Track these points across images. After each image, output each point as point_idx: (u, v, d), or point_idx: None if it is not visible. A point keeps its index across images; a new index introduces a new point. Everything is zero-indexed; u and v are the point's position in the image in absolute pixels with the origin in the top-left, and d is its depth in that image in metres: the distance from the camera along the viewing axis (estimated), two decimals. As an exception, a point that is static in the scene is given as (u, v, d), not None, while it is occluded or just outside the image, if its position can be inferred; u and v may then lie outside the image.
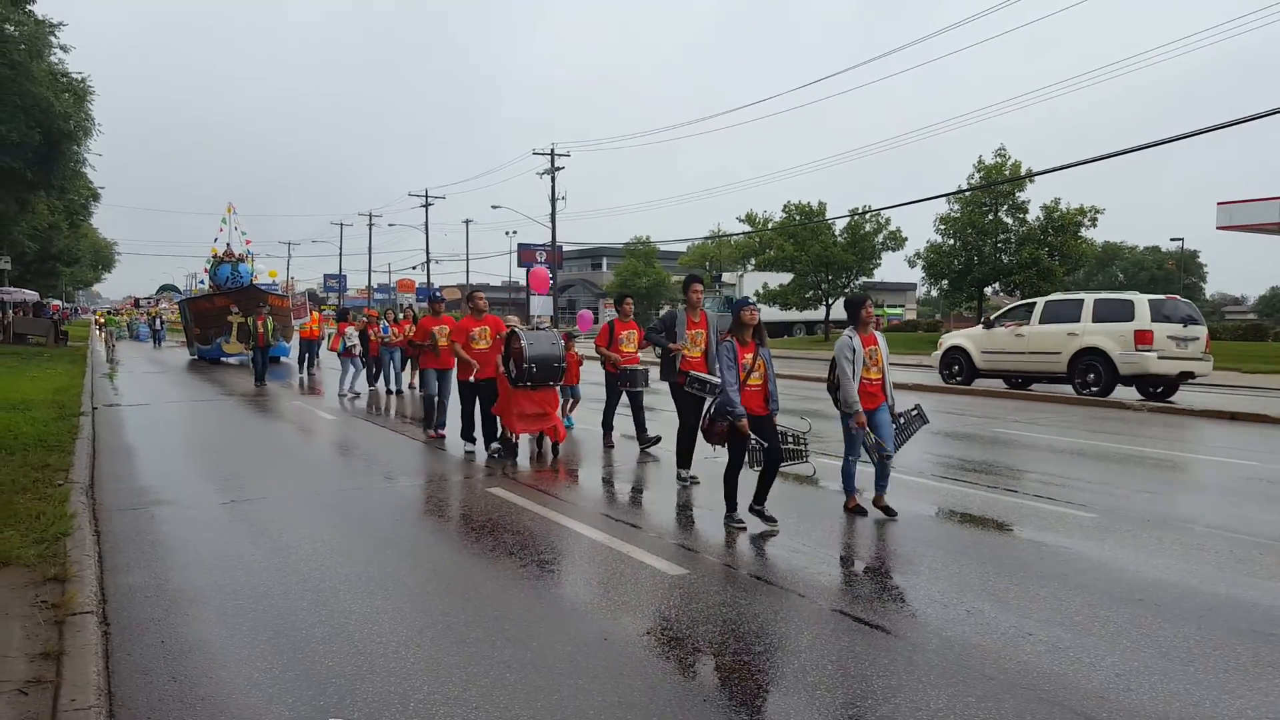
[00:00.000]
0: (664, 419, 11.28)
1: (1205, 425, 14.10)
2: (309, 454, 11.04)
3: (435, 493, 8.43)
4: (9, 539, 5.81)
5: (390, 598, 5.19)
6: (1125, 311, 17.22)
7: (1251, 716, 3.74)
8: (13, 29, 25.74)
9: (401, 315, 20.09)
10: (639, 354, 10.87)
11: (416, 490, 8.57)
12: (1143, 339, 16.75)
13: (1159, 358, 16.67)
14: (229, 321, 27.36)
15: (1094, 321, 17.55)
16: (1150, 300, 17.28)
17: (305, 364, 23.26)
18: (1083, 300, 18.32)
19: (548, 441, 10.43)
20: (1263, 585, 5.60)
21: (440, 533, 7.02)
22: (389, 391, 17.87)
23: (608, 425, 10.98)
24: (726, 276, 48.98)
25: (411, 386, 18.16)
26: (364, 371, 18.23)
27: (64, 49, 29.23)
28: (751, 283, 52.73)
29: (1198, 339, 17.34)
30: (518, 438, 10.21)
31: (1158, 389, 17.64)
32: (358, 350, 17.85)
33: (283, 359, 27.90)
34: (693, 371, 8.38)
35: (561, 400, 15.10)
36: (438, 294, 12.98)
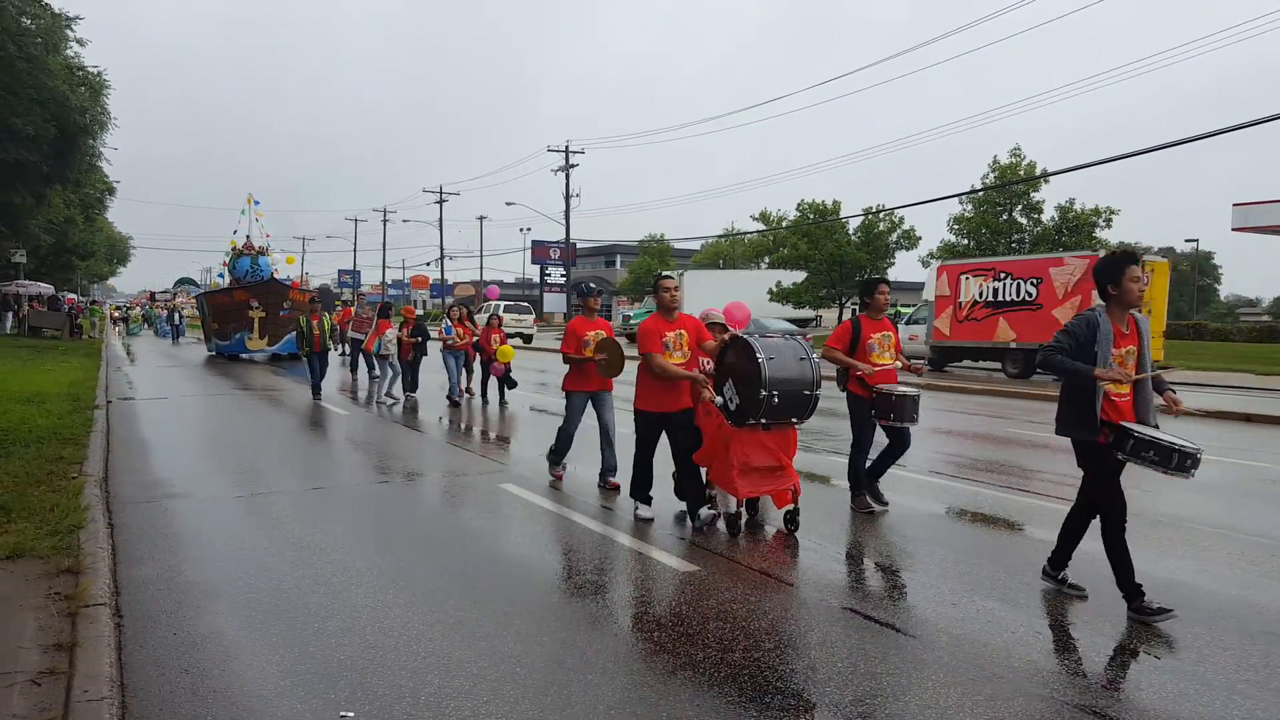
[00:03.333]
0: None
1: (1217, 427, 14.01)
2: (323, 450, 11.08)
3: (447, 489, 8.45)
4: (23, 531, 5.86)
5: (401, 592, 5.21)
6: None
7: (1262, 718, 3.72)
8: (29, 22, 25.89)
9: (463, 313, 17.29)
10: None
11: (428, 486, 8.60)
12: None
13: None
14: (250, 317, 26.69)
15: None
16: None
17: (353, 367, 20.98)
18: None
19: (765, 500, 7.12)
20: (1275, 588, 5.57)
21: (451, 528, 7.04)
22: (451, 401, 15.24)
23: (864, 477, 7.44)
24: (687, 276, 48.88)
25: (469, 392, 16.38)
26: (400, 376, 15.97)
27: (80, 42, 29.47)
28: (705, 282, 51.14)
29: None
30: (742, 504, 6.76)
31: None
32: (393, 354, 15.94)
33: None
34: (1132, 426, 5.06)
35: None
36: (589, 286, 8.90)
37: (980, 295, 23.26)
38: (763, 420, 6.37)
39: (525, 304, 45.66)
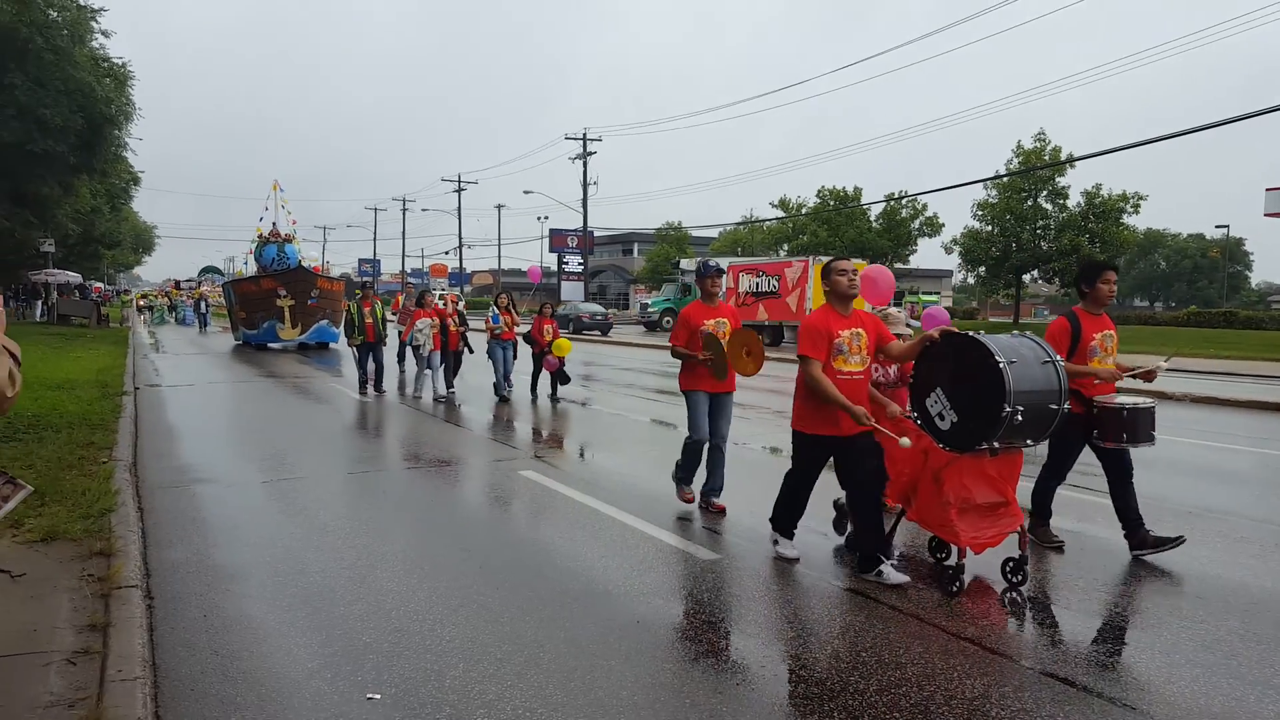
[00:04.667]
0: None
1: (1246, 416, 13.84)
2: (347, 435, 11.16)
3: (470, 475, 8.50)
4: (56, 514, 5.95)
5: (426, 576, 5.25)
6: None
7: (1294, 710, 3.68)
8: (55, 14, 26.12)
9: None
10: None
11: (451, 472, 8.65)
12: None
13: None
14: (278, 305, 25.93)
15: None
16: None
17: (400, 358, 19.39)
18: None
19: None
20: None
21: (475, 514, 7.09)
22: (500, 398, 14.07)
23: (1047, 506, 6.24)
24: (685, 264, 48.23)
25: (511, 386, 14.47)
26: (441, 369, 14.47)
27: (105, 34, 29.64)
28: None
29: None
30: (963, 556, 5.17)
31: None
32: (427, 348, 14.25)
33: (332, 345, 26.76)
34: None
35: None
36: (709, 264, 7.11)
37: (749, 288, 33.54)
38: (995, 444, 5.02)
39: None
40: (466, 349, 15.19)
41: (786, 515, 5.76)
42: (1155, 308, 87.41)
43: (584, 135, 48.90)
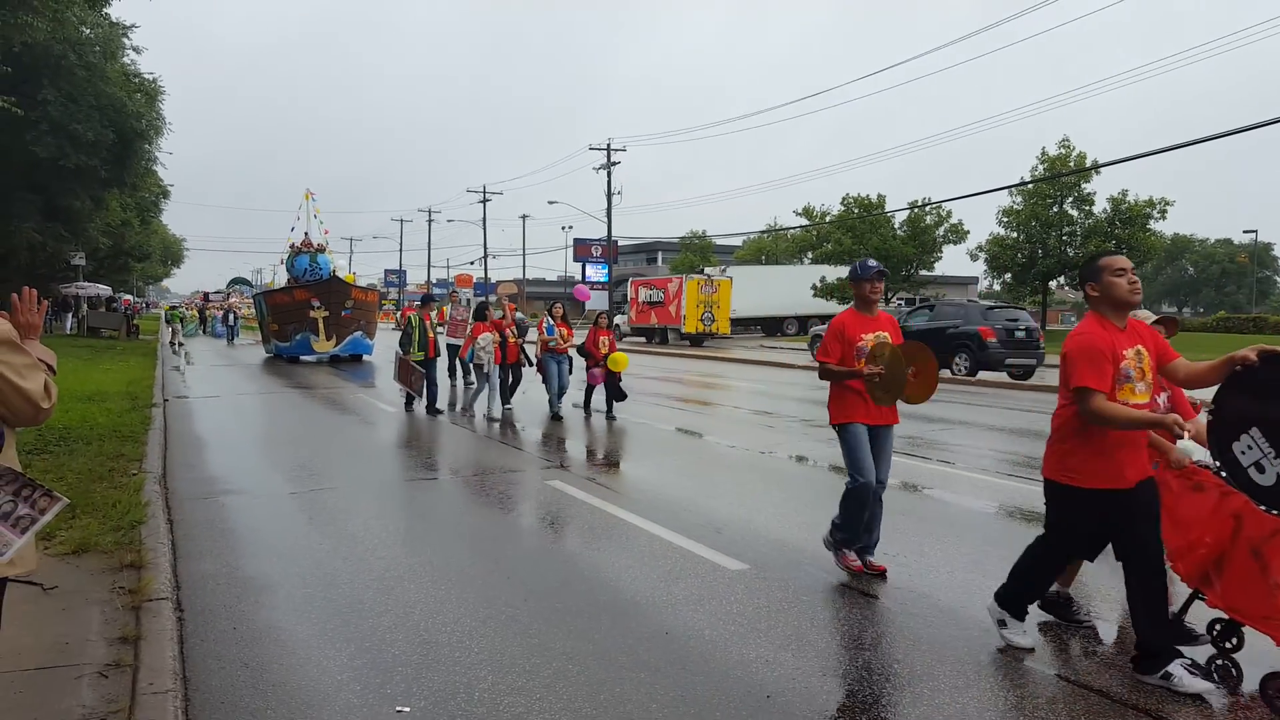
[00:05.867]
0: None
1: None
2: (375, 447, 11.21)
3: (496, 485, 8.50)
4: (88, 526, 6.00)
5: (454, 588, 5.25)
6: None
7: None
8: (88, 31, 26.55)
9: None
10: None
11: (478, 482, 8.65)
12: None
13: None
14: (311, 317, 25.21)
15: None
16: None
17: (450, 373, 18.32)
18: None
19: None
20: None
21: (502, 524, 7.08)
22: (554, 415, 13.04)
23: None
24: (709, 272, 48.07)
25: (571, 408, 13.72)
26: (497, 389, 13.55)
27: (136, 50, 30.18)
28: (747, 278, 50.89)
29: None
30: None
31: None
32: (489, 365, 13.25)
33: (365, 357, 26.32)
34: None
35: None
36: (868, 265, 5.71)
37: (646, 298, 42.04)
38: None
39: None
40: (526, 361, 14.12)
41: (1024, 592, 4.42)
42: (1184, 313, 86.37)
43: (608, 145, 48.98)
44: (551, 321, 13.44)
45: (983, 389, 18.98)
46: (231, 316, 40.25)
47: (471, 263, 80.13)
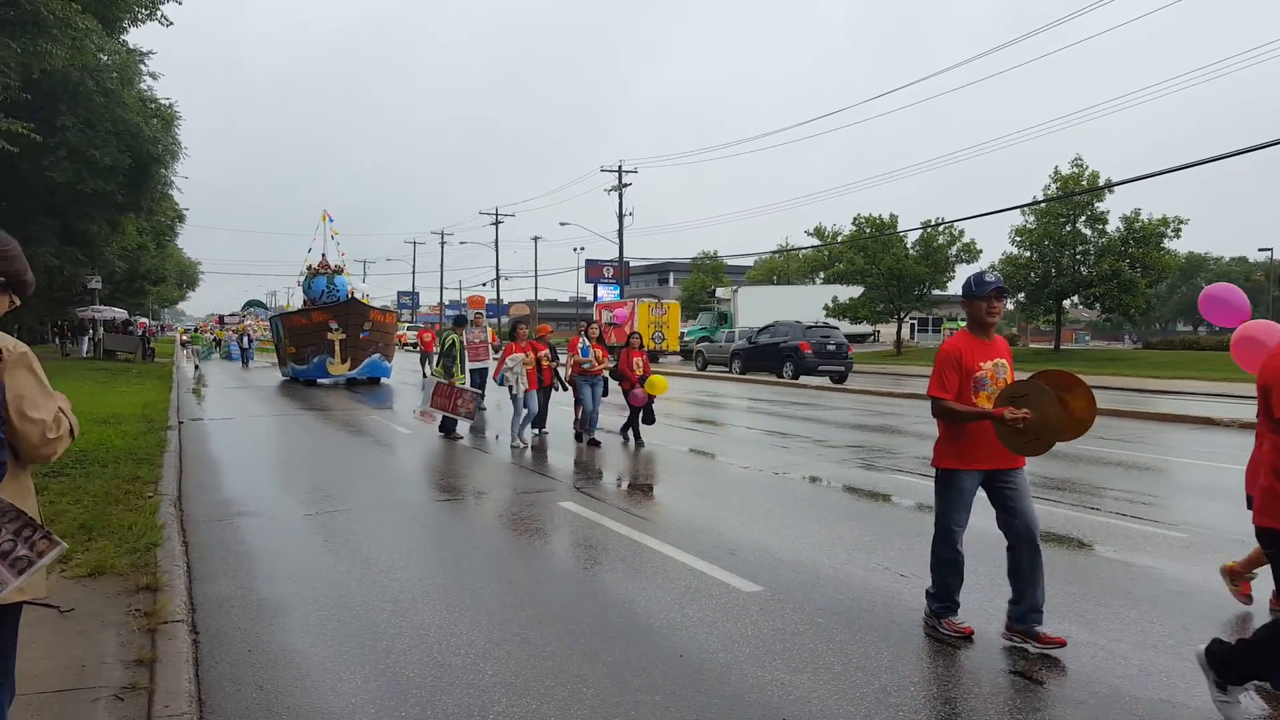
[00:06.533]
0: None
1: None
2: (389, 468, 11.23)
3: (509, 507, 8.50)
4: (103, 549, 6.03)
5: (468, 610, 5.24)
6: None
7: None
8: (106, 58, 26.93)
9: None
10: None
11: (491, 504, 8.65)
12: None
13: None
14: (329, 339, 24.67)
15: None
16: None
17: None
18: None
19: None
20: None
21: (515, 546, 7.07)
22: (586, 440, 12.44)
23: None
24: (721, 292, 48.12)
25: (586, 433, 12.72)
26: (532, 413, 12.48)
27: (153, 76, 30.54)
28: (758, 299, 51.38)
29: None
30: None
31: None
32: (521, 388, 12.20)
33: (384, 380, 25.88)
34: None
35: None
36: (987, 278, 4.89)
37: (606, 320, 40.43)
38: None
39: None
40: (559, 386, 13.30)
41: (1267, 661, 3.71)
42: (1199, 331, 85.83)
43: (619, 167, 49.26)
44: (587, 342, 12.84)
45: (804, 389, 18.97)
46: (246, 339, 39.81)
47: (484, 284, 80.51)
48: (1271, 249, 72.84)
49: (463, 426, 13.69)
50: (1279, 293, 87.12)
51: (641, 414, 12.58)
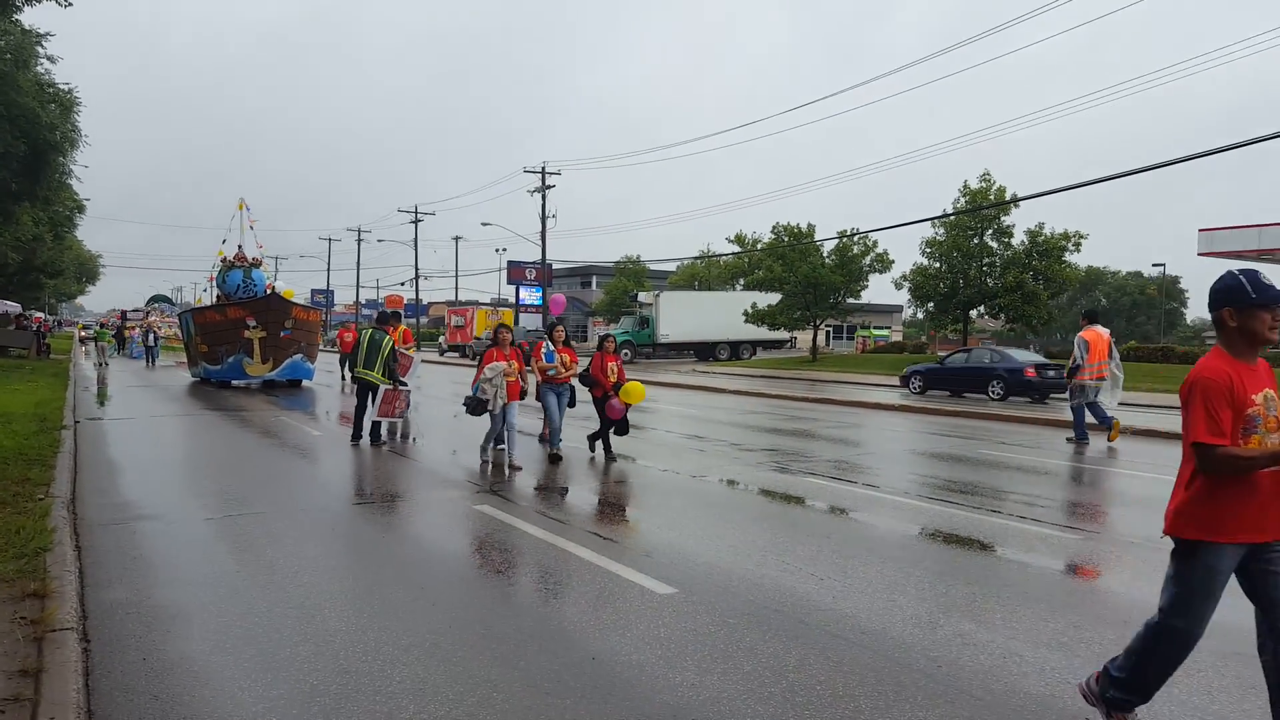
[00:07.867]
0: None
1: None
2: (301, 472, 10.95)
3: (422, 510, 8.37)
4: (-12, 553, 5.73)
5: (376, 615, 5.14)
6: None
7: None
8: (-1, 39, 25.72)
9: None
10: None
11: (403, 507, 8.51)
12: None
13: None
14: (246, 338, 23.23)
15: None
16: None
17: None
18: None
19: None
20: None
21: (427, 550, 6.97)
22: (553, 456, 11.25)
23: None
24: (643, 297, 48.51)
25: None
26: (512, 430, 11.01)
27: (51, 59, 29.23)
28: (680, 303, 51.61)
29: None
30: None
31: None
32: (499, 402, 10.82)
33: (305, 382, 24.60)
34: None
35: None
36: (1265, 281, 3.38)
37: (454, 323, 56.10)
38: None
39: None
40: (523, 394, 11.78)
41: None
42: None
43: (543, 169, 49.02)
44: (551, 347, 11.54)
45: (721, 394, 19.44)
46: (151, 336, 37.66)
47: (403, 283, 79.13)
48: (1164, 264, 76.61)
49: (384, 428, 13.36)
50: (1170, 305, 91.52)
51: (614, 425, 11.55)
